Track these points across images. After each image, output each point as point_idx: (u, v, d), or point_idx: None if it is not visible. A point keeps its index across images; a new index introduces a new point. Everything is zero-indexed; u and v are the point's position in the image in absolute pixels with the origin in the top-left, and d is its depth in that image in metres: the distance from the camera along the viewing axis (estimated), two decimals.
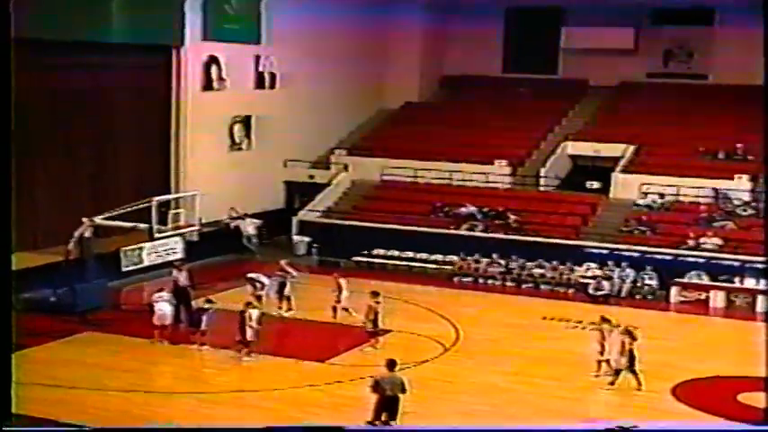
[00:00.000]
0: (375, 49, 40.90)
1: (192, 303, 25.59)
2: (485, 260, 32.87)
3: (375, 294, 24.90)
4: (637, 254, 31.83)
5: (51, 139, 30.11)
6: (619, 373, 21.77)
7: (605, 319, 22.60)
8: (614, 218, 34.49)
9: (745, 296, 29.87)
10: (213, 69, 35.14)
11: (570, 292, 31.32)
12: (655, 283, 30.99)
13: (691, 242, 32.01)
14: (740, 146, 36.04)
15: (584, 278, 31.39)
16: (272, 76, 37.68)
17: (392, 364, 18.64)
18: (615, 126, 39.25)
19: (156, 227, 27.61)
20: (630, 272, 31.30)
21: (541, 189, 37.60)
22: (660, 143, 37.55)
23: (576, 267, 31.87)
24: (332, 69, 38.51)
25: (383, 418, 18.19)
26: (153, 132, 34.11)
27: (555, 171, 38.19)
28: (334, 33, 37.96)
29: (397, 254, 34.26)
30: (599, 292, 30.37)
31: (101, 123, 31.48)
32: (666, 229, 33.14)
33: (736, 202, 33.86)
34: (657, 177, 35.32)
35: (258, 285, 27.06)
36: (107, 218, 27.40)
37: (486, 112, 41.15)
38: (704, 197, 34.53)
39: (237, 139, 36.94)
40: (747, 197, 34.15)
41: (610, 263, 31.64)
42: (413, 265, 33.80)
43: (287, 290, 27.51)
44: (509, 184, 37.94)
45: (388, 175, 38.56)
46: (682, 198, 34.73)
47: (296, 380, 21.88)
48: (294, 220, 36.84)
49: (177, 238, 29.97)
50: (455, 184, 37.57)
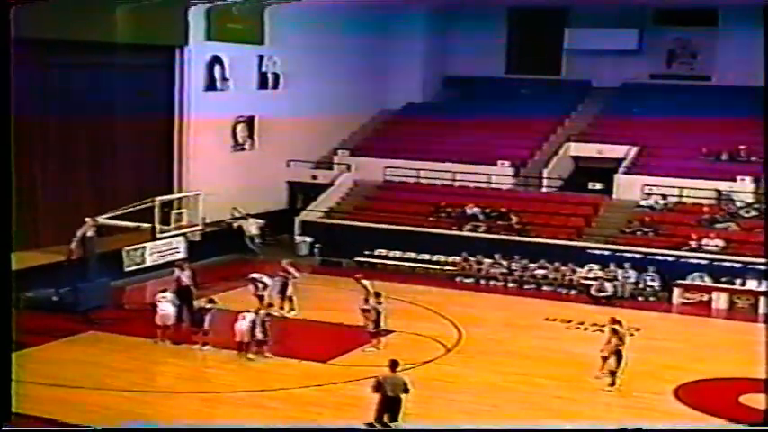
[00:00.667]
0: (378, 49, 40.87)
1: (195, 303, 25.59)
2: (487, 261, 32.86)
3: (377, 295, 24.91)
4: (639, 255, 31.82)
5: (54, 138, 30.16)
6: (614, 374, 21.77)
7: (617, 321, 22.46)
8: (617, 219, 34.49)
9: (748, 298, 29.84)
10: (216, 69, 35.16)
11: (572, 293, 31.30)
12: (657, 284, 30.99)
13: (693, 243, 32.00)
14: (743, 147, 36.01)
15: (586, 279, 31.38)
16: (275, 76, 37.71)
17: (394, 365, 18.67)
18: (618, 127, 39.20)
19: (159, 227, 27.65)
20: (632, 273, 31.29)
21: (544, 190, 37.62)
22: (663, 144, 37.53)
23: (579, 268, 31.86)
24: (335, 70, 38.49)
25: (385, 418, 18.21)
26: (156, 132, 34.13)
27: (557, 172, 38.20)
28: (337, 34, 37.93)
29: (399, 254, 34.26)
30: (601, 294, 30.37)
31: (104, 123, 31.48)
32: (669, 231, 33.13)
33: (738, 204, 33.83)
34: (660, 179, 35.33)
35: (260, 285, 27.05)
36: (110, 217, 27.43)
37: (489, 112, 41.08)
38: (707, 199, 34.50)
39: (240, 140, 36.96)
40: (750, 199, 34.13)
41: (612, 264, 31.63)
42: (415, 265, 33.80)
43: (289, 290, 27.52)
44: (511, 184, 37.95)
45: (390, 175, 38.58)
46: (684, 199, 34.72)
47: (298, 380, 21.88)
48: (297, 220, 36.85)
49: (180, 238, 29.94)
50: (458, 184, 37.59)
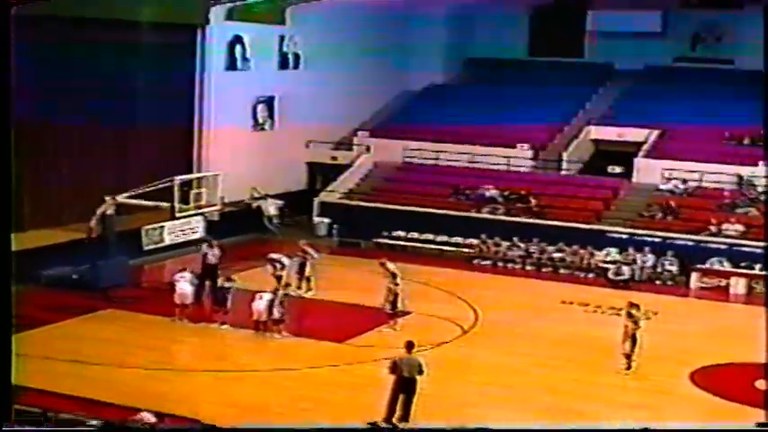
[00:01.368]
0: (399, 30, 40.79)
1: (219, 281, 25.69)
2: (505, 243, 32.85)
3: (393, 276, 24.98)
4: (658, 239, 31.75)
5: (76, 117, 30.27)
6: (629, 357, 21.77)
7: (634, 305, 22.42)
8: (636, 203, 34.41)
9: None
10: (237, 49, 35.24)
11: (590, 276, 31.27)
12: (675, 268, 30.91)
13: (713, 228, 31.88)
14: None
15: (604, 263, 31.36)
16: (295, 56, 37.74)
17: (410, 346, 18.73)
18: (639, 111, 38.99)
19: (178, 206, 27.80)
20: (651, 257, 31.22)
21: (563, 173, 37.55)
22: (685, 128, 37.30)
23: (597, 252, 31.83)
24: (356, 50, 38.46)
25: (400, 399, 18.27)
26: (176, 112, 34.21)
27: (577, 155, 38.09)
28: (359, 14, 37.87)
29: (417, 236, 34.28)
30: (619, 277, 30.34)
31: (125, 101, 31.61)
32: (688, 215, 33.01)
33: (759, 189, 33.64)
34: (681, 163, 35.15)
35: (278, 266, 27.12)
36: (129, 196, 27.58)
37: (510, 95, 40.97)
38: (728, 183, 34.32)
39: (260, 120, 37.06)
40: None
41: (630, 248, 31.58)
42: (433, 247, 33.82)
43: (307, 270, 27.62)
44: (531, 167, 37.88)
45: (410, 156, 38.57)
46: (705, 184, 34.56)
47: (314, 359, 21.99)
48: (315, 201, 36.92)
49: (198, 218, 30.17)
50: (477, 166, 37.52)
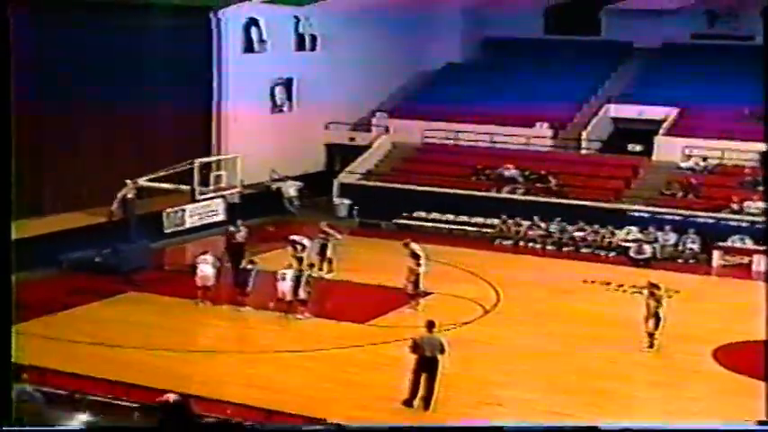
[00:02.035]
0: (417, 10, 40.64)
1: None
2: (525, 223, 32.80)
3: (416, 256, 24.98)
4: (679, 217, 31.64)
5: (94, 101, 30.30)
6: (652, 336, 21.74)
7: (654, 285, 22.37)
8: (656, 181, 34.27)
9: None
10: (253, 31, 35.22)
11: (611, 255, 31.19)
12: (697, 246, 30.81)
13: (734, 206, 31.72)
14: None
15: (625, 241, 31.27)
16: (312, 37, 37.69)
17: (431, 325, 18.75)
18: (659, 88, 38.79)
19: (198, 188, 27.89)
20: (672, 235, 31.12)
21: (583, 152, 37.41)
22: (705, 106, 37.07)
23: (617, 231, 31.75)
24: (373, 31, 38.37)
25: (423, 378, 18.30)
26: (195, 94, 34.24)
27: (597, 134, 37.94)
28: None
29: (437, 216, 34.25)
30: (640, 256, 30.25)
31: (143, 85, 31.64)
32: (709, 193, 32.86)
33: None
34: (701, 140, 34.99)
35: (299, 247, 27.16)
36: (150, 179, 27.66)
37: (528, 74, 40.84)
38: (749, 161, 34.13)
39: (279, 102, 37.07)
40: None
41: (651, 226, 31.48)
42: (453, 227, 33.78)
43: (329, 252, 27.64)
44: (550, 146, 37.77)
45: (429, 137, 38.50)
46: (725, 161, 34.38)
47: (337, 340, 22.05)
48: (335, 182, 36.91)
49: (219, 200, 30.22)
50: (496, 146, 37.43)
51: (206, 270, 24.61)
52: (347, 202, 35.91)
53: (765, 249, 28.98)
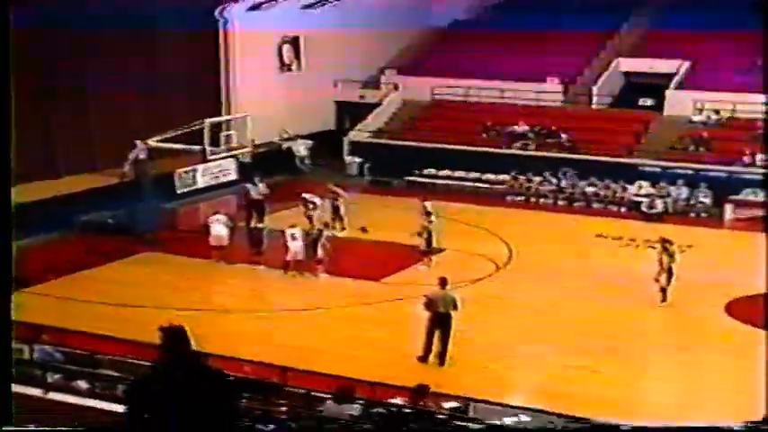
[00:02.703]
0: None
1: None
2: (537, 179, 32.80)
3: (428, 214, 25.04)
4: (690, 171, 31.59)
5: (102, 64, 30.24)
6: (665, 290, 21.80)
7: (667, 240, 22.39)
8: (668, 135, 34.15)
9: None
10: None
11: (623, 210, 31.18)
12: (709, 200, 30.81)
13: (746, 159, 31.62)
14: None
15: (637, 196, 31.26)
16: None
17: (444, 282, 18.85)
18: (670, 41, 38.43)
19: (209, 149, 27.91)
20: (684, 190, 31.11)
21: (594, 107, 37.26)
22: (717, 57, 36.81)
23: (629, 186, 31.74)
24: None
25: (437, 334, 18.42)
26: (202, 54, 34.14)
27: (607, 88, 37.76)
28: None
29: (448, 173, 34.29)
30: (652, 211, 30.26)
31: (150, 46, 31.56)
32: (721, 147, 32.75)
33: None
34: (713, 93, 34.75)
35: (311, 206, 27.24)
36: (161, 140, 27.67)
37: (537, 29, 40.43)
38: (761, 113, 33.92)
39: (287, 60, 36.96)
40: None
41: (663, 181, 31.45)
42: (465, 184, 33.81)
43: (341, 210, 27.70)
44: (561, 101, 37.64)
45: (438, 94, 38.38)
46: (737, 114, 34.17)
47: (352, 298, 22.16)
48: (345, 140, 36.88)
49: (230, 160, 30.25)
50: (506, 102, 37.30)
51: (219, 230, 24.71)
52: (358, 159, 35.93)
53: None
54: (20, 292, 16.45)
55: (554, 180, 32.56)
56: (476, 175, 33.91)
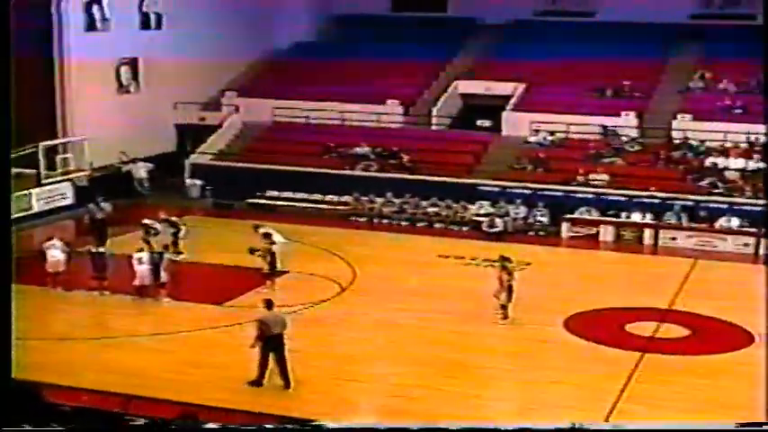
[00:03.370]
0: None
1: (88, 249, 25.17)
2: (379, 200, 33.03)
3: (268, 236, 24.92)
4: (528, 191, 32.33)
5: None
6: (505, 307, 22.23)
7: (506, 258, 22.85)
8: (506, 155, 34.91)
9: (633, 230, 30.62)
10: (95, 9, 34.30)
11: (464, 229, 31.69)
12: (546, 219, 31.58)
13: (580, 178, 32.60)
14: (627, 83, 36.76)
15: (477, 216, 31.81)
16: (157, 16, 36.99)
17: (270, 304, 18.83)
18: (505, 65, 39.46)
19: (44, 172, 27.14)
20: (523, 209, 31.83)
21: (434, 128, 37.81)
22: (549, 81, 37.94)
23: (470, 205, 32.26)
24: (219, 10, 37.90)
25: (271, 357, 18.24)
26: (36, 75, 33.13)
27: (446, 110, 38.41)
28: None
29: (291, 195, 34.16)
30: (492, 230, 30.84)
31: None
32: (557, 166, 33.66)
33: (623, 139, 34.54)
34: (547, 115, 35.78)
35: (152, 231, 26.70)
36: None
37: (377, 51, 40.97)
38: (593, 134, 35.14)
39: (125, 82, 36.27)
40: (634, 133, 34.94)
41: (502, 200, 32.12)
42: (307, 206, 33.71)
43: (180, 234, 27.26)
44: (401, 123, 38.07)
45: (279, 116, 38.30)
46: (571, 135, 35.24)
47: (195, 323, 21.82)
48: (186, 162, 36.38)
49: (67, 183, 29.47)
50: (348, 124, 37.53)
51: (56, 255, 24.02)
52: (199, 182, 35.48)
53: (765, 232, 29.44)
54: None
55: (396, 200, 32.83)
56: (318, 196, 33.88)
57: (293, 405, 17.30)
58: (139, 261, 23.25)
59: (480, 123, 37.32)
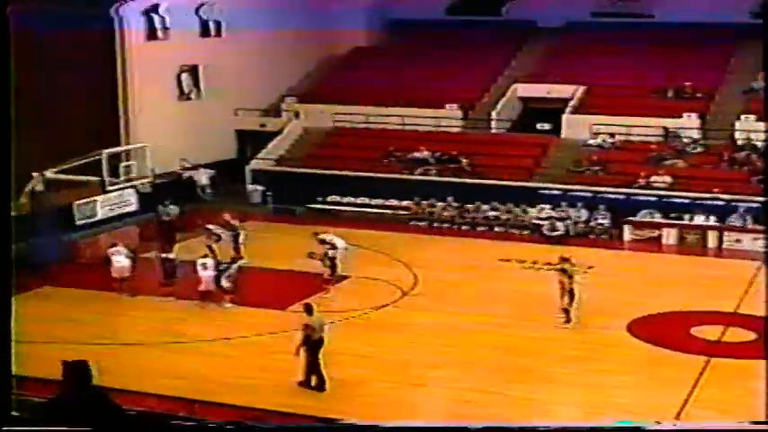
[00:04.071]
0: None
1: (156, 254, 25.40)
2: (439, 204, 33.00)
3: (327, 242, 25.06)
4: (589, 194, 32.11)
5: None
6: (567, 311, 22.11)
7: (565, 259, 22.74)
8: (566, 158, 34.71)
9: (696, 233, 30.29)
10: (156, 19, 34.72)
11: (525, 233, 31.55)
12: (607, 222, 31.34)
13: (642, 181, 32.30)
14: (689, 84, 36.31)
15: (538, 219, 31.66)
16: (216, 23, 37.32)
17: (311, 309, 19.01)
18: (564, 67, 39.26)
19: (108, 179, 27.51)
20: (584, 212, 31.62)
21: (493, 132, 37.69)
22: (609, 83, 37.65)
23: (530, 209, 32.13)
24: (277, 16, 38.08)
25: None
26: (100, 84, 33.65)
27: (506, 113, 38.25)
28: None
29: (351, 200, 34.27)
30: (554, 233, 30.67)
31: (44, 75, 30.99)
32: (618, 169, 33.39)
33: (685, 140, 34.16)
34: (607, 117, 35.48)
35: (214, 237, 26.95)
36: (58, 171, 27.17)
37: (435, 55, 40.93)
38: (654, 136, 34.81)
39: (186, 89, 36.65)
40: (696, 135, 34.53)
41: (563, 203, 31.94)
42: (368, 210, 33.80)
43: (240, 239, 27.43)
44: (460, 127, 38.01)
45: (339, 121, 38.42)
46: (632, 137, 34.93)
47: (259, 328, 21.96)
48: (247, 168, 36.65)
49: (130, 190, 29.85)
50: (407, 128, 37.53)
51: (121, 261, 24.32)
52: (260, 188, 35.71)
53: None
54: None
55: (456, 205, 32.78)
56: (378, 201, 33.99)
57: (355, 409, 17.35)
58: (204, 267, 23.47)
59: (540, 126, 37.16)
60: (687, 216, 30.85)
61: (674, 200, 31.33)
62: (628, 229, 30.78)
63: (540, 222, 31.41)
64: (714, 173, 32.37)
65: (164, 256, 24.59)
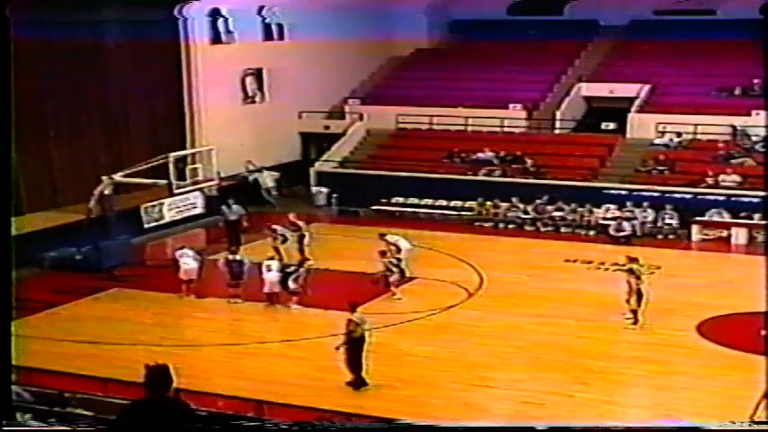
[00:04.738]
0: None
1: (224, 256, 25.60)
2: (504, 205, 32.86)
3: (392, 243, 25.09)
4: (656, 193, 31.74)
5: (61, 97, 30.05)
6: (635, 312, 21.87)
7: (633, 259, 22.51)
8: (632, 158, 34.38)
9: None
10: (219, 22, 35.04)
11: (591, 234, 31.28)
12: (675, 222, 30.95)
13: (710, 180, 31.88)
14: (757, 81, 35.69)
15: (604, 219, 31.38)
16: (279, 27, 37.51)
17: (355, 306, 19.15)
18: (628, 66, 38.88)
19: (175, 182, 27.78)
20: (650, 212, 31.26)
21: (557, 132, 37.45)
22: (675, 81, 37.25)
23: (596, 209, 31.84)
24: (339, 18, 38.17)
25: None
26: (165, 88, 34.06)
27: (570, 113, 37.98)
28: None
29: (416, 201, 34.26)
30: (620, 233, 30.35)
31: (110, 80, 31.45)
32: (685, 168, 32.99)
33: (754, 139, 33.61)
34: (673, 116, 35.06)
35: (280, 238, 27.14)
36: (126, 175, 27.52)
37: (497, 56, 40.79)
38: (722, 134, 34.31)
39: (250, 92, 36.92)
40: (765, 133, 33.94)
41: (629, 203, 31.62)
42: (432, 211, 33.76)
43: (305, 241, 27.56)
44: (524, 127, 37.81)
45: (402, 122, 38.43)
46: (699, 136, 34.49)
47: (325, 329, 21.97)
48: (311, 170, 36.83)
49: (196, 193, 30.15)
50: (470, 129, 37.43)
51: (189, 263, 24.55)
52: (325, 190, 35.84)
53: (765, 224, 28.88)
54: None
55: (521, 205, 32.62)
56: (443, 202, 33.95)
57: (422, 411, 17.35)
58: (268, 269, 23.60)
59: (605, 126, 36.82)
60: (757, 215, 30.34)
61: (742, 199, 30.85)
62: (696, 228, 30.37)
63: (607, 223, 31.10)
64: None
65: (230, 257, 24.74)
